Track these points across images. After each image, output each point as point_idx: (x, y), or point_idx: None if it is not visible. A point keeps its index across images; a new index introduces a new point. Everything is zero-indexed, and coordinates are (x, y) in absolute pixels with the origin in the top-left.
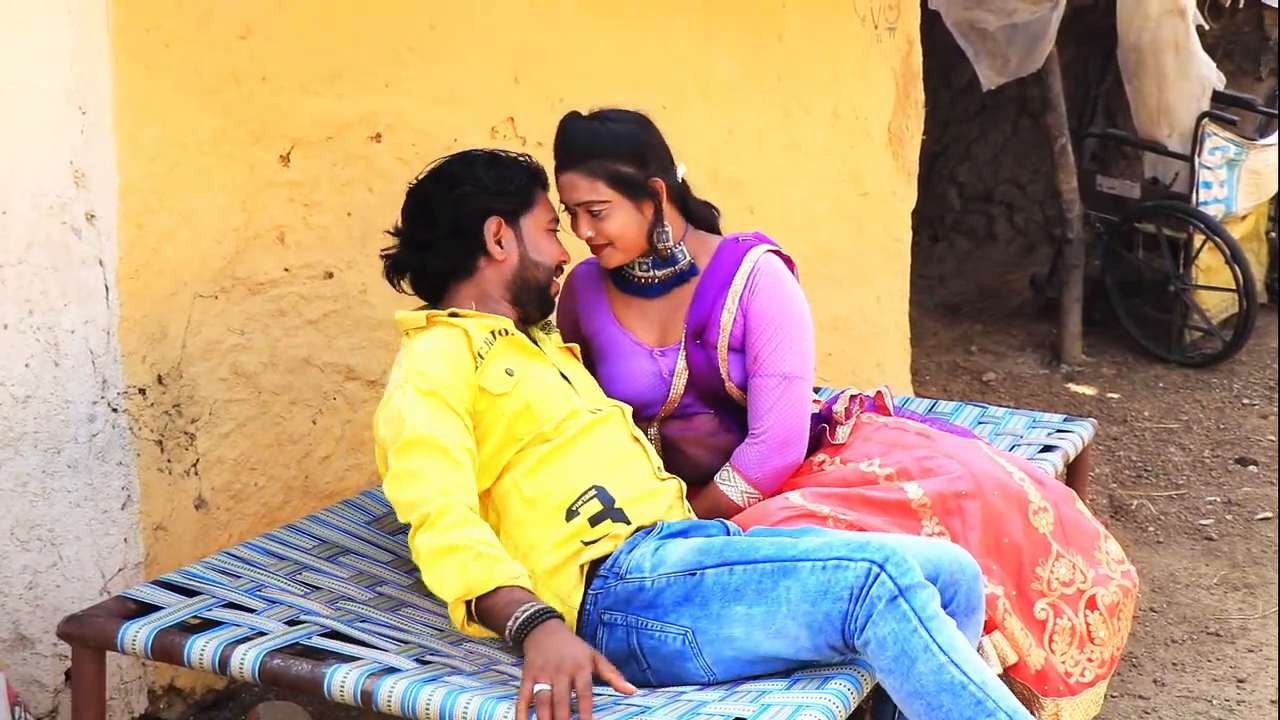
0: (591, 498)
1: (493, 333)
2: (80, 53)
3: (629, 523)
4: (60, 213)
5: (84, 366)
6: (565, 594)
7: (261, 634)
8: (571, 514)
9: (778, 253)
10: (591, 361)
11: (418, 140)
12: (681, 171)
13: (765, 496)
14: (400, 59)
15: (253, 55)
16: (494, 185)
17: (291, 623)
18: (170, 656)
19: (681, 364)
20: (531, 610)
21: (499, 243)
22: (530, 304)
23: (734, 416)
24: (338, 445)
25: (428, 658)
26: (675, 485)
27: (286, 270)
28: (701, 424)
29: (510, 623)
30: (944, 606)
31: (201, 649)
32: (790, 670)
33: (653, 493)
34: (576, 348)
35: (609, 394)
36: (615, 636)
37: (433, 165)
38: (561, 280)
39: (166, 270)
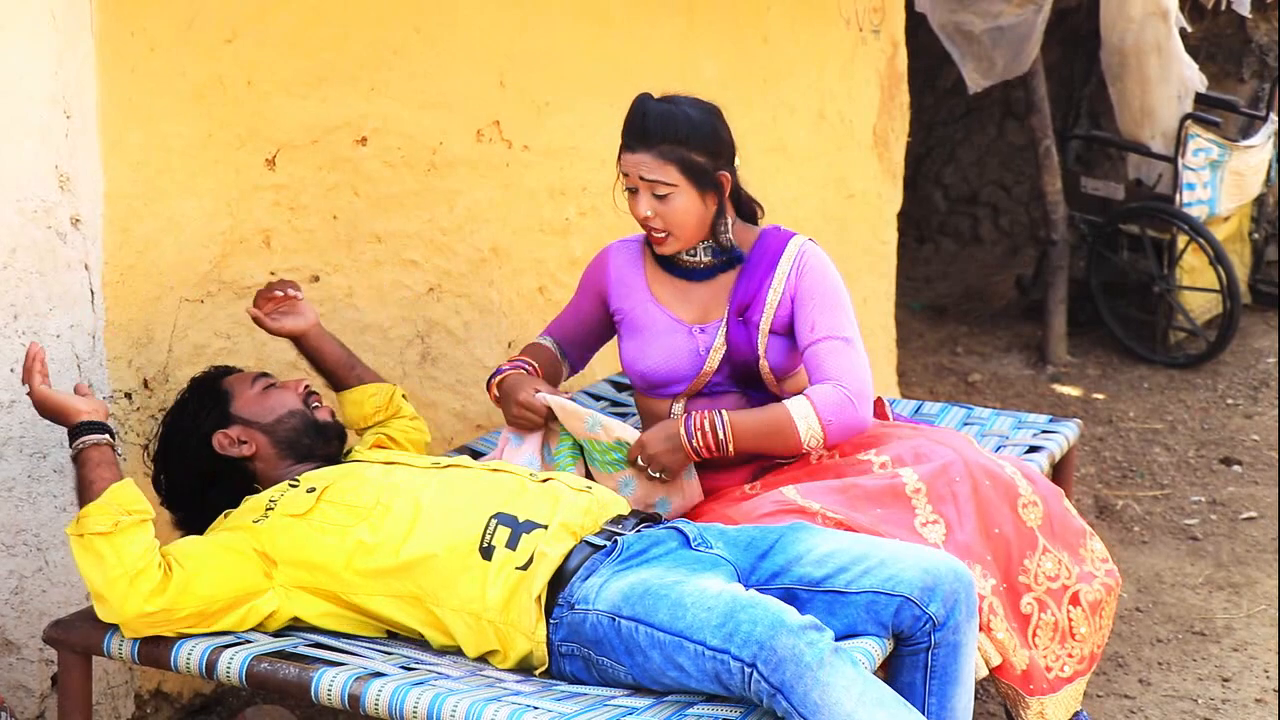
0: (495, 526)
1: (272, 500)
2: (65, 57)
3: (545, 525)
4: (45, 217)
5: (69, 371)
6: (528, 629)
7: (248, 643)
8: (487, 551)
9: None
10: (591, 340)
11: (403, 144)
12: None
13: (825, 447)
14: (385, 63)
15: (238, 59)
16: (196, 414)
17: (277, 634)
18: (157, 661)
19: (720, 340)
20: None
21: (238, 442)
22: (316, 446)
23: (762, 398)
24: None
25: (413, 665)
26: (556, 484)
27: (272, 274)
28: (728, 403)
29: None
30: (946, 621)
31: (188, 653)
32: None
33: (546, 495)
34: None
35: (637, 369)
36: (576, 666)
37: (155, 450)
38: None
39: (152, 274)
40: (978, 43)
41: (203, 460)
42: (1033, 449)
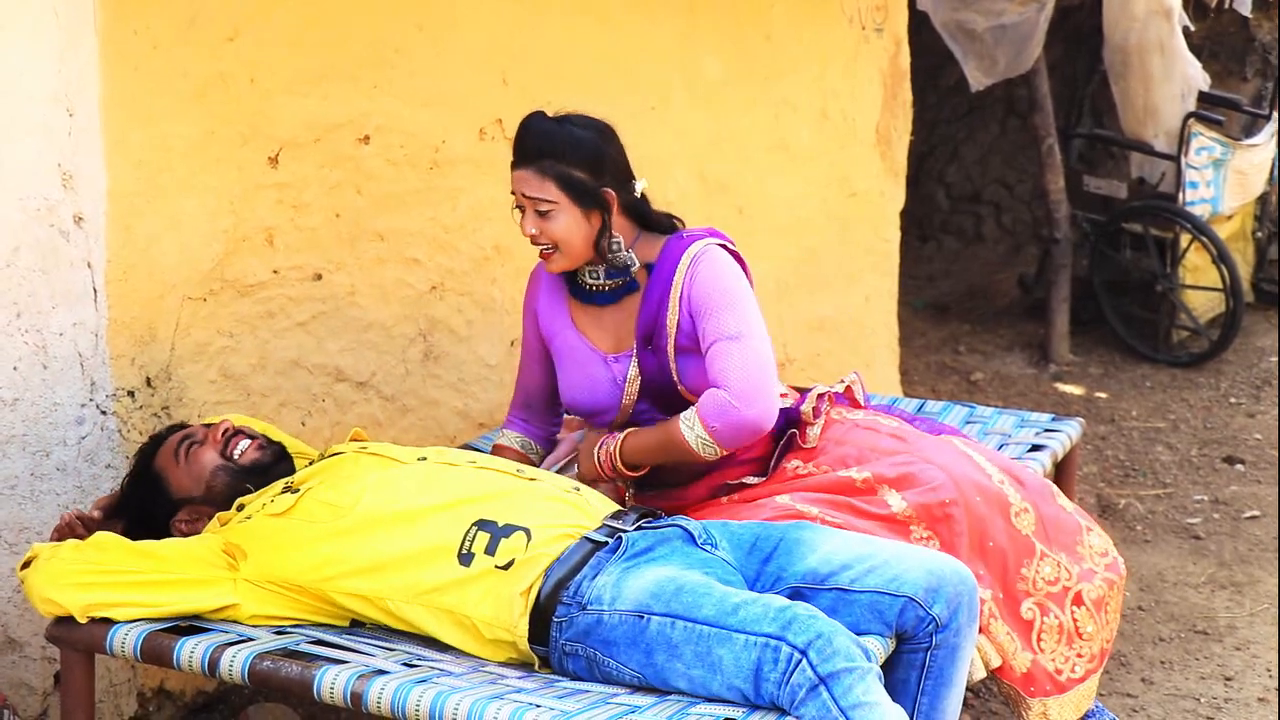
0: (475, 533)
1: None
2: (68, 55)
3: (526, 529)
4: (48, 215)
5: (72, 369)
6: (509, 624)
7: (250, 640)
8: (466, 558)
9: (726, 247)
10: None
11: (406, 142)
12: (642, 185)
13: (723, 452)
14: (388, 61)
15: (240, 57)
16: (145, 505)
17: (279, 633)
18: (160, 659)
19: (634, 371)
20: None
21: (191, 521)
22: (260, 483)
23: None
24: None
25: (415, 662)
26: (544, 484)
27: (275, 272)
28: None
29: None
30: (949, 623)
31: (191, 651)
32: None
33: (531, 495)
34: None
35: (565, 400)
36: (579, 666)
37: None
38: (242, 447)
39: (155, 272)
40: (980, 41)
41: (170, 535)
42: (1035, 448)
